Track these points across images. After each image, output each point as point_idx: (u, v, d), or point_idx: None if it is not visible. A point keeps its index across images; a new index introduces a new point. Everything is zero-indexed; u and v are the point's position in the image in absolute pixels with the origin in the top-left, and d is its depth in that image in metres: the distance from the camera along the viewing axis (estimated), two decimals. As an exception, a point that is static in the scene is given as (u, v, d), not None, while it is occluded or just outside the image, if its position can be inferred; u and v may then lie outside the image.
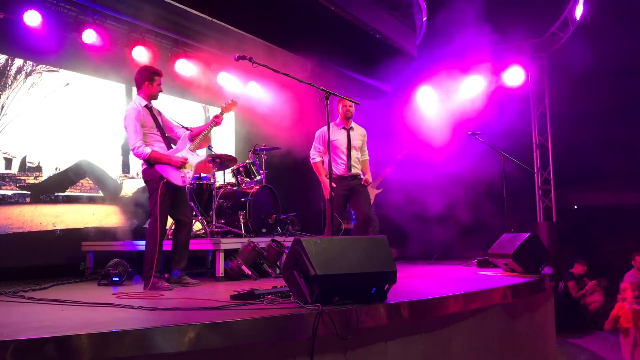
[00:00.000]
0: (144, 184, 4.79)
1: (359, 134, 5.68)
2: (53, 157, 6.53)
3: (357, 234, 5.49)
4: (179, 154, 4.63)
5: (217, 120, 4.87)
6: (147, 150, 4.46)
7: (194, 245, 5.52)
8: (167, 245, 4.89)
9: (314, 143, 5.61)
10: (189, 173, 4.61)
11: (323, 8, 6.88)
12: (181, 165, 4.55)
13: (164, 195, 4.49)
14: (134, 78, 4.72)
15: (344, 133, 5.55)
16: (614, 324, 6.67)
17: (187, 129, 4.89)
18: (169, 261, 4.75)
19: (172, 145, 4.77)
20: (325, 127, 5.49)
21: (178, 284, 4.64)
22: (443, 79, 10.36)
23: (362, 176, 5.61)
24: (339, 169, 5.49)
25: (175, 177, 4.52)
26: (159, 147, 4.60)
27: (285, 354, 2.73)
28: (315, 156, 5.57)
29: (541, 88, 10.09)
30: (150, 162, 4.51)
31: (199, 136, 4.78)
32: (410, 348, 3.30)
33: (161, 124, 4.72)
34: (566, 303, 8.03)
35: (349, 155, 5.49)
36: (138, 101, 4.63)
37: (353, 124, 5.66)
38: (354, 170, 5.52)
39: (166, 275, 4.63)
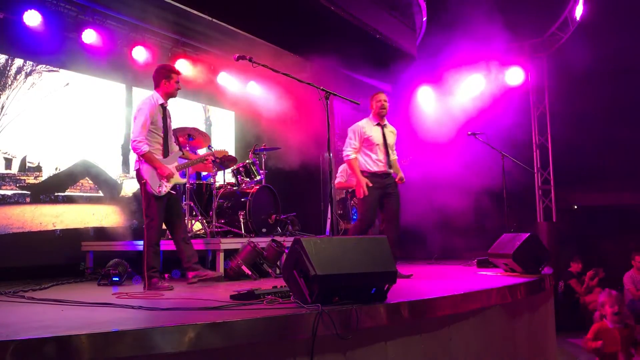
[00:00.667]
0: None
1: (390, 131, 5.45)
2: (53, 157, 6.53)
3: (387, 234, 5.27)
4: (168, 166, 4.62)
5: (208, 159, 5.01)
6: (145, 148, 4.45)
7: (194, 245, 5.52)
8: (170, 245, 4.90)
9: (347, 139, 5.31)
10: (165, 187, 4.54)
11: (323, 8, 6.87)
12: (166, 177, 4.52)
13: (157, 196, 4.50)
14: (152, 76, 4.69)
15: (378, 130, 5.32)
16: (596, 349, 5.38)
17: (182, 152, 4.92)
18: (178, 261, 4.75)
19: (169, 151, 4.73)
20: (361, 122, 5.35)
21: (196, 278, 4.61)
22: (443, 79, 10.36)
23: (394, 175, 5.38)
24: (377, 165, 5.22)
25: (154, 184, 4.48)
26: (157, 149, 4.57)
27: (285, 354, 2.73)
28: (350, 153, 5.24)
29: (541, 88, 10.09)
30: (141, 160, 4.52)
31: (188, 162, 4.87)
32: (410, 348, 3.30)
33: (169, 130, 4.70)
34: (566, 303, 8.02)
35: (387, 153, 5.25)
36: (155, 97, 4.60)
37: (386, 121, 5.45)
38: (390, 168, 5.29)
39: (166, 275, 4.63)
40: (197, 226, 6.37)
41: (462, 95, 10.12)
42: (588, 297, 8.25)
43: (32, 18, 6.13)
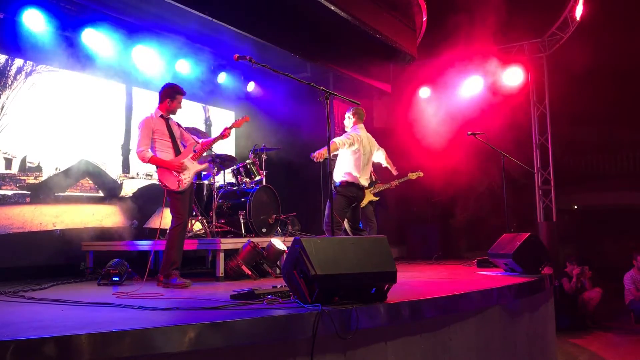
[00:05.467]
0: (144, 185, 4.86)
1: None
2: (53, 157, 6.53)
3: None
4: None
5: (224, 134, 5.05)
6: (148, 154, 4.72)
7: (194, 245, 5.53)
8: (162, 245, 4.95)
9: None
10: (185, 179, 4.74)
11: (323, 8, 6.87)
12: (178, 169, 4.72)
13: (179, 191, 4.70)
14: (159, 92, 4.95)
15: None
16: None
17: (198, 142, 5.09)
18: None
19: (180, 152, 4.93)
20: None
21: (167, 284, 4.68)
22: (443, 79, 10.36)
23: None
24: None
25: (172, 182, 4.71)
26: (167, 153, 4.81)
27: (285, 354, 2.73)
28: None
29: (541, 88, 10.09)
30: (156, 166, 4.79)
31: (205, 148, 5.04)
32: (410, 348, 3.30)
33: (176, 134, 4.93)
34: (565, 302, 8.01)
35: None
36: (155, 111, 4.92)
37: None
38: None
39: (161, 277, 4.63)
40: (197, 226, 6.37)
41: (462, 95, 10.13)
42: (587, 294, 8.22)
43: (32, 18, 6.12)
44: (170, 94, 4.90)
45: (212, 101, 8.59)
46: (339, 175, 5.53)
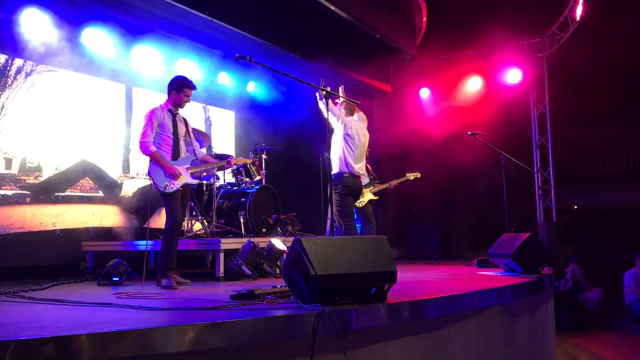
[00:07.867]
0: (144, 185, 4.83)
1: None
2: (53, 157, 6.53)
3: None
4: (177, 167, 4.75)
5: (230, 161, 5.23)
6: (152, 148, 4.63)
7: (194, 245, 5.53)
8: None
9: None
10: (175, 184, 4.66)
11: (323, 8, 6.87)
12: (173, 177, 4.64)
13: (167, 193, 4.62)
14: (168, 85, 4.89)
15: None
16: None
17: (196, 157, 5.01)
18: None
19: (180, 154, 4.86)
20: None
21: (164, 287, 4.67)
22: (443, 79, 10.37)
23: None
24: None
25: (160, 181, 4.63)
26: (166, 152, 4.74)
27: (285, 354, 2.73)
28: None
29: (541, 88, 10.10)
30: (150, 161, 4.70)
31: (203, 166, 4.96)
32: (410, 348, 3.30)
33: (180, 132, 4.86)
34: (565, 302, 8.02)
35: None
36: (163, 104, 4.85)
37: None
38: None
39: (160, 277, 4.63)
40: (197, 226, 6.37)
41: (462, 95, 10.14)
42: (586, 294, 8.22)
43: (32, 17, 6.11)
44: (177, 87, 4.81)
45: (212, 101, 8.58)
46: (334, 166, 5.51)
